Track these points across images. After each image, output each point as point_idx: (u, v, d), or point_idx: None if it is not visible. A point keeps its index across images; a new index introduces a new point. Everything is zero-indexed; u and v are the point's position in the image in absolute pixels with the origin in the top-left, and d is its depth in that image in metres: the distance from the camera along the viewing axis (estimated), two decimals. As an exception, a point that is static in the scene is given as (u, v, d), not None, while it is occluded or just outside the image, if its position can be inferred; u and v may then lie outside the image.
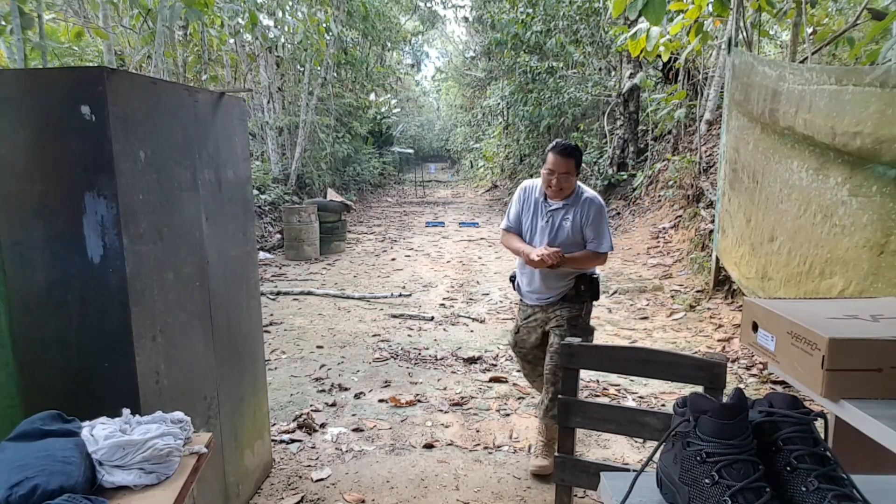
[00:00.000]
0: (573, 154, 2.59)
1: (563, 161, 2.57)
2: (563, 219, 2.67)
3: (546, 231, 2.70)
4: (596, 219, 2.68)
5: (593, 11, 10.34)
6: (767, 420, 0.79)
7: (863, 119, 2.62)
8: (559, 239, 2.67)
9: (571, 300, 2.76)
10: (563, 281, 2.74)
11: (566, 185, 2.62)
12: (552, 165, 2.59)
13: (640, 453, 2.89)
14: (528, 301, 2.86)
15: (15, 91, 1.51)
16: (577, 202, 2.68)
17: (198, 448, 1.38)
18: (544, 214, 2.71)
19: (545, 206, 2.72)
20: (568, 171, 2.58)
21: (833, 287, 2.92)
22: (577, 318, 2.77)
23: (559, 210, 2.69)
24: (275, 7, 9.31)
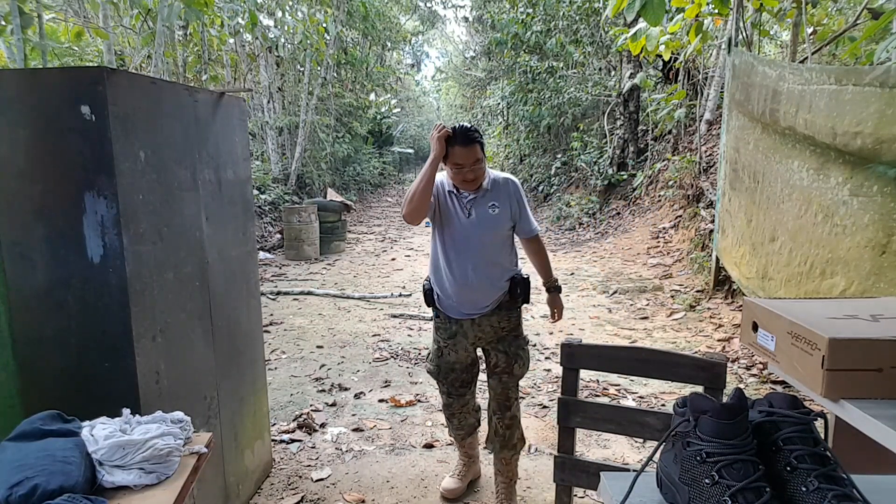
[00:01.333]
0: (476, 139, 2.23)
1: (469, 150, 2.21)
2: (489, 206, 2.30)
3: (473, 225, 2.29)
4: (523, 199, 2.39)
5: (593, 11, 10.33)
6: (767, 420, 0.79)
7: (863, 119, 2.62)
8: (491, 231, 2.31)
9: (507, 307, 2.38)
10: (500, 283, 2.34)
11: (480, 173, 2.26)
12: (460, 159, 2.21)
13: (640, 453, 2.89)
14: (451, 314, 2.38)
15: (15, 91, 1.51)
16: (496, 186, 2.34)
17: (198, 448, 1.38)
18: (465, 208, 2.31)
19: (461, 198, 2.32)
20: (477, 158, 2.22)
21: (835, 287, 2.92)
22: (519, 328, 2.42)
23: (479, 199, 2.31)
24: (275, 7, 9.31)
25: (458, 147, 2.20)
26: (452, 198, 2.33)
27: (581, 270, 7.07)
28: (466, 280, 2.30)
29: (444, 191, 2.36)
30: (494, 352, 2.40)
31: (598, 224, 9.77)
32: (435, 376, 2.53)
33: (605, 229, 9.40)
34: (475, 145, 2.22)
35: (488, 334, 2.39)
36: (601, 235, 9.15)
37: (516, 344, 2.41)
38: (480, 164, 2.24)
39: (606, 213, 9.97)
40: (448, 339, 2.42)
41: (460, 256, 2.31)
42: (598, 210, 10.20)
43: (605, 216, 9.89)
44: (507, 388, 2.42)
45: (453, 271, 2.32)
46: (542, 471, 2.73)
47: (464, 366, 2.46)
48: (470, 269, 2.29)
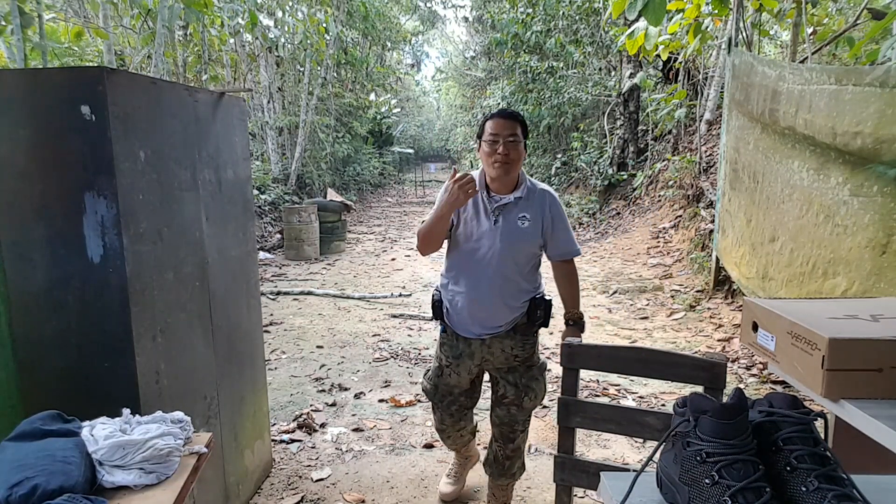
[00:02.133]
0: (518, 117, 2.03)
1: (508, 123, 2.00)
2: (519, 217, 2.04)
3: (496, 235, 2.02)
4: (561, 214, 2.11)
5: (593, 11, 10.34)
6: (767, 420, 0.79)
7: (863, 119, 2.62)
8: (516, 245, 2.04)
9: (524, 331, 2.12)
10: (518, 302, 2.09)
11: (515, 156, 2.00)
12: (495, 129, 1.99)
13: (640, 453, 2.89)
14: (461, 333, 2.14)
15: (15, 91, 1.51)
16: (531, 196, 2.08)
17: (198, 448, 1.38)
18: (490, 213, 2.05)
19: (489, 201, 2.06)
20: (515, 134, 1.99)
21: (836, 287, 2.92)
22: (534, 357, 2.18)
23: (510, 206, 2.05)
24: (275, 7, 9.31)
25: (497, 118, 2.02)
26: (479, 200, 2.08)
27: (581, 270, 7.05)
28: (479, 295, 2.06)
29: None
30: (503, 382, 2.17)
31: (598, 224, 9.77)
32: (430, 397, 2.31)
33: (605, 229, 9.40)
34: (516, 122, 2.02)
35: (498, 359, 2.14)
36: (601, 235, 9.15)
37: (528, 375, 2.16)
38: (518, 145, 2.00)
39: (606, 213, 9.98)
40: (452, 359, 2.19)
41: (476, 267, 2.06)
42: (598, 210, 10.21)
43: (605, 216, 9.89)
44: (515, 420, 2.19)
45: (466, 283, 2.09)
46: (542, 471, 2.73)
47: (463, 390, 2.25)
48: (485, 283, 2.05)
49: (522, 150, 2.03)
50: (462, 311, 2.11)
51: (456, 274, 2.13)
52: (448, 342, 2.20)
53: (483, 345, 2.12)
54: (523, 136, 2.04)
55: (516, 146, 2.00)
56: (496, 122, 2.01)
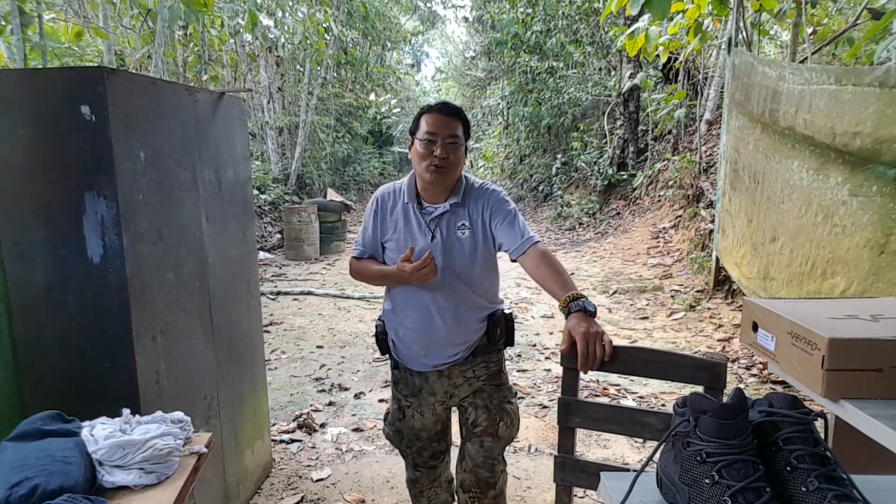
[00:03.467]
0: (460, 114, 1.75)
1: (449, 121, 1.71)
2: (458, 227, 1.78)
3: (439, 254, 1.75)
4: (502, 207, 1.79)
5: (593, 11, 10.34)
6: (767, 420, 0.79)
7: (862, 119, 2.62)
8: (460, 260, 1.77)
9: (484, 352, 1.85)
10: (475, 323, 1.82)
11: (454, 160, 1.71)
12: (433, 127, 1.69)
13: (640, 453, 2.89)
14: (412, 366, 1.86)
15: (15, 91, 1.51)
16: (469, 198, 1.80)
17: (198, 448, 1.37)
18: (424, 228, 1.78)
19: (422, 214, 1.79)
20: (455, 135, 1.71)
21: (835, 287, 2.92)
22: (501, 374, 1.89)
23: (447, 215, 1.78)
24: (275, 7, 9.31)
25: (436, 114, 1.72)
26: (411, 212, 1.80)
27: (581, 270, 7.06)
28: (429, 325, 1.78)
29: (399, 203, 1.83)
30: (472, 407, 1.86)
31: (598, 224, 9.77)
32: (395, 444, 1.99)
33: (605, 229, 9.40)
34: (456, 120, 1.73)
35: (462, 388, 1.86)
36: (601, 235, 9.15)
37: (499, 395, 1.86)
38: (458, 147, 1.72)
39: (606, 213, 9.98)
40: (410, 397, 1.90)
41: (420, 292, 1.77)
42: (598, 210, 10.21)
43: (605, 216, 9.90)
44: (492, 456, 1.83)
45: (411, 312, 1.81)
46: (542, 471, 2.73)
47: (432, 433, 1.93)
48: (433, 309, 1.77)
49: (463, 153, 1.75)
50: (411, 344, 1.83)
51: (398, 302, 1.85)
52: (402, 378, 1.91)
53: (442, 376, 1.84)
54: (464, 137, 1.75)
55: (456, 149, 1.71)
56: (434, 118, 1.71)
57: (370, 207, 1.89)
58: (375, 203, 1.88)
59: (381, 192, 1.90)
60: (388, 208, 1.86)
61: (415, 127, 1.77)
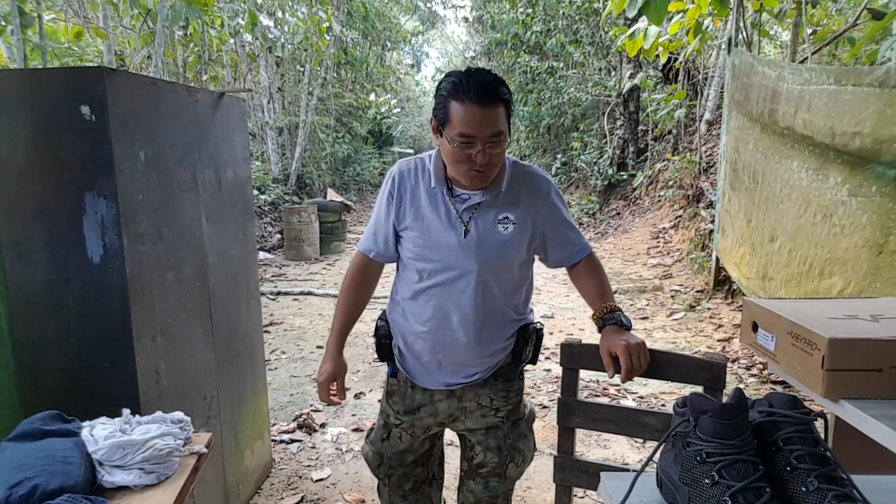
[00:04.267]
0: (502, 95, 1.32)
1: (490, 114, 1.30)
2: (500, 220, 1.45)
3: (470, 251, 1.43)
4: (560, 211, 1.52)
5: (593, 11, 10.35)
6: (767, 420, 0.79)
7: (862, 119, 2.62)
8: (500, 262, 1.46)
9: (507, 374, 1.58)
10: (504, 338, 1.53)
11: (497, 160, 1.37)
12: (471, 127, 1.30)
13: (640, 453, 2.89)
14: (421, 382, 1.57)
15: (15, 91, 1.51)
16: (515, 185, 1.47)
17: (198, 448, 1.37)
18: (455, 219, 1.45)
19: (453, 201, 1.46)
20: (499, 131, 1.33)
21: (832, 287, 2.92)
22: (520, 408, 1.63)
23: (486, 205, 1.45)
24: (275, 7, 9.31)
25: (474, 105, 1.28)
26: (439, 199, 1.47)
27: (581, 270, 7.05)
28: (448, 336, 1.48)
29: (422, 187, 1.48)
30: (482, 447, 1.61)
31: (598, 224, 9.77)
32: (374, 468, 1.70)
33: (605, 229, 9.40)
34: (499, 105, 1.32)
35: (472, 416, 1.57)
36: (601, 235, 9.15)
37: (516, 433, 1.61)
38: (502, 142, 1.34)
39: (606, 213, 9.98)
40: (403, 415, 1.60)
41: (444, 298, 1.46)
42: (598, 210, 10.21)
43: (605, 216, 9.90)
44: (495, 494, 1.65)
45: (430, 320, 1.49)
46: (542, 471, 2.73)
47: (418, 455, 1.66)
48: (457, 318, 1.47)
49: (506, 146, 1.38)
50: (422, 356, 1.53)
51: (411, 303, 1.52)
52: (399, 390, 1.61)
53: (452, 397, 1.56)
54: (507, 119, 1.36)
55: (500, 143, 1.33)
56: (471, 112, 1.29)
57: (385, 187, 1.53)
58: (392, 181, 1.51)
59: (401, 168, 1.52)
60: (407, 188, 1.50)
61: (443, 115, 1.34)
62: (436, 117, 1.38)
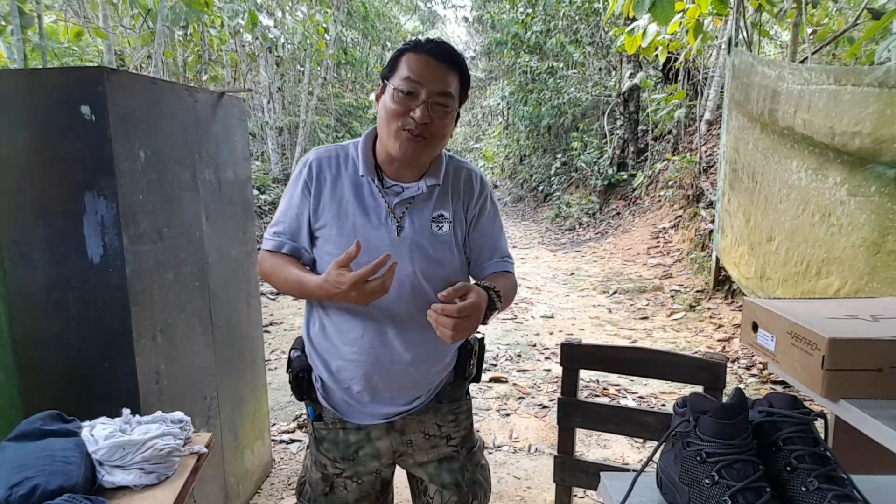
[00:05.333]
0: (458, 62, 1.21)
1: (440, 69, 1.18)
2: (434, 218, 1.27)
3: (403, 251, 1.23)
4: (490, 203, 1.37)
5: (593, 11, 10.35)
6: (767, 420, 0.79)
7: (862, 119, 2.62)
8: (436, 265, 1.26)
9: (451, 395, 1.38)
10: (446, 356, 1.34)
11: (438, 130, 1.20)
12: (417, 73, 1.16)
13: (640, 453, 2.89)
14: (350, 419, 1.33)
15: (15, 91, 1.51)
16: (449, 180, 1.31)
17: (198, 448, 1.37)
18: (386, 215, 1.25)
19: (384, 193, 1.26)
20: (446, 91, 1.18)
21: (829, 286, 2.92)
22: (473, 434, 1.46)
23: (420, 200, 1.27)
24: (275, 7, 9.32)
25: (424, 55, 1.17)
26: (367, 191, 1.26)
27: (581, 270, 7.06)
28: (383, 355, 1.25)
29: (344, 174, 1.27)
30: (436, 484, 1.39)
31: (598, 224, 9.77)
32: None
33: (605, 229, 9.40)
34: (453, 71, 1.20)
35: (420, 450, 1.36)
36: (601, 235, 9.15)
37: (472, 463, 1.41)
38: (449, 110, 1.19)
39: (606, 213, 9.98)
40: (342, 462, 1.35)
41: (375, 307, 1.20)
42: (598, 210, 10.22)
43: (605, 216, 9.90)
44: None
45: (361, 337, 1.25)
46: (542, 471, 2.73)
47: (371, 499, 1.43)
48: (393, 331, 1.25)
49: (452, 122, 1.23)
50: (353, 384, 1.28)
51: (336, 320, 1.28)
52: (328, 436, 1.35)
53: (392, 431, 1.33)
54: (460, 100, 1.23)
55: (445, 114, 1.19)
56: (421, 61, 1.16)
57: (299, 177, 1.28)
58: (308, 170, 1.27)
59: (319, 155, 1.29)
60: (327, 180, 1.26)
61: (389, 69, 1.21)
62: (383, 76, 1.23)
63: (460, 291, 1.14)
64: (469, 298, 1.13)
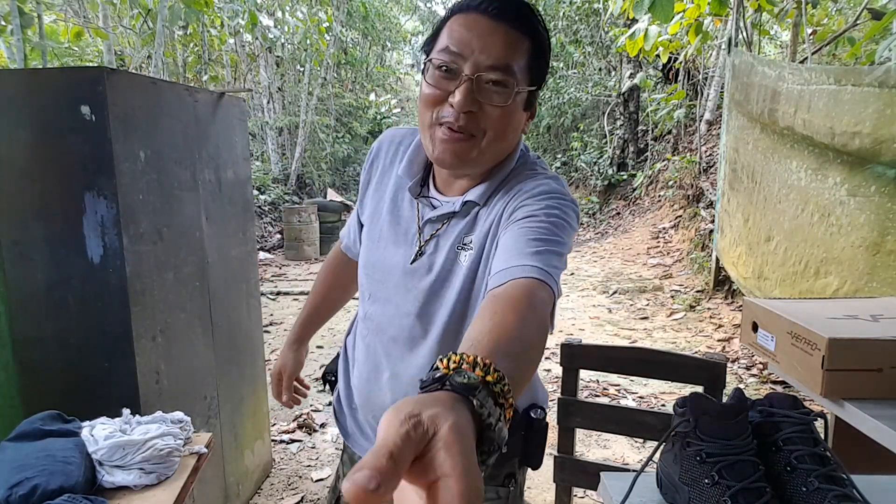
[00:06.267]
0: (527, 22, 0.83)
1: (504, 33, 0.81)
2: (461, 246, 0.92)
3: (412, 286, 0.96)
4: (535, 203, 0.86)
5: (593, 12, 10.35)
6: (768, 420, 0.79)
7: (862, 119, 2.63)
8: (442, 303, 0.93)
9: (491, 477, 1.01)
10: None
11: (496, 119, 0.84)
12: (464, 40, 0.81)
13: (640, 453, 2.89)
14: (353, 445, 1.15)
15: (15, 91, 1.51)
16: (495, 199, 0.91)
17: (198, 448, 1.38)
18: (412, 234, 0.97)
19: (421, 203, 0.98)
20: (507, 65, 0.82)
21: (827, 286, 2.92)
22: None
23: (453, 222, 0.94)
24: (275, 7, 9.31)
25: (476, 14, 0.82)
26: (403, 198, 1.00)
27: (581, 270, 7.06)
28: (379, 396, 1.03)
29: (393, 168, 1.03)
30: None
31: (598, 224, 9.77)
32: None
33: (605, 229, 9.40)
34: (520, 33, 0.83)
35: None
36: (601, 235, 9.15)
37: None
38: (505, 90, 0.83)
39: (606, 213, 9.98)
40: None
41: (376, 339, 1.02)
42: (598, 210, 10.22)
43: (605, 216, 9.90)
44: None
45: (362, 363, 1.07)
46: (543, 471, 2.72)
47: None
48: (387, 375, 1.01)
49: (516, 110, 0.87)
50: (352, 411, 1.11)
51: (357, 334, 1.11)
52: (347, 452, 1.18)
53: None
54: (530, 76, 0.86)
55: (502, 98, 0.83)
56: (474, 19, 0.82)
57: (370, 157, 1.09)
58: (370, 153, 1.08)
59: (383, 137, 1.09)
60: (379, 167, 1.06)
61: (431, 39, 0.88)
62: (424, 50, 0.89)
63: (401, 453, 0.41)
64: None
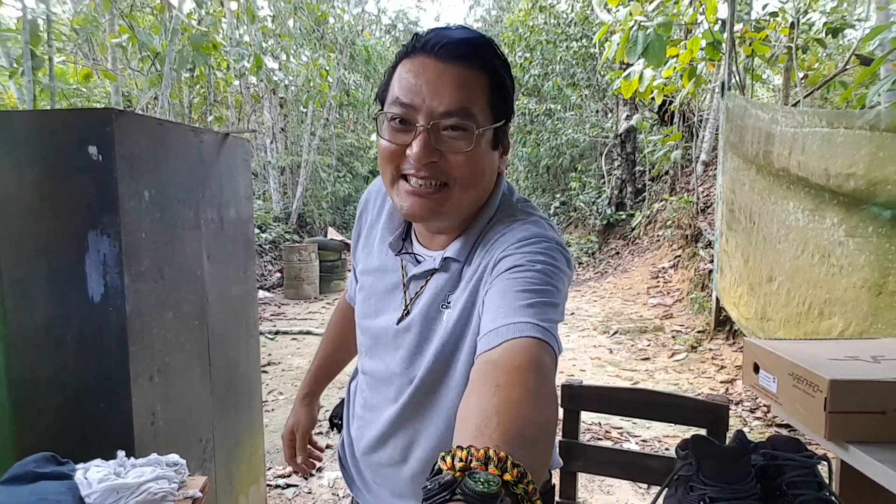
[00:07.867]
0: (479, 56, 0.77)
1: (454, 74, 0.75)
2: (444, 304, 0.85)
3: (399, 348, 0.90)
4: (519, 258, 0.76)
5: (589, 56, 10.63)
6: (771, 464, 0.78)
7: (855, 161, 2.67)
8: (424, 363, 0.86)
9: None
10: None
11: (461, 171, 0.78)
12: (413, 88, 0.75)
13: (645, 499, 2.82)
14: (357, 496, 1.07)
15: (25, 132, 1.54)
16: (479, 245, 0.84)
17: (192, 492, 1.35)
18: (400, 290, 0.91)
19: (403, 262, 0.92)
20: (462, 107, 0.75)
21: (833, 328, 2.91)
22: None
23: (435, 278, 0.87)
24: (279, 51, 9.57)
25: (423, 56, 0.77)
26: (387, 253, 0.95)
27: (581, 310, 7.04)
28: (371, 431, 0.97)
29: (378, 222, 0.99)
30: None
31: (598, 263, 9.79)
32: None
33: (604, 269, 9.41)
34: (473, 69, 0.77)
35: None
36: (601, 275, 9.16)
37: None
38: (465, 132, 0.76)
39: (606, 252, 10.01)
40: None
41: (372, 394, 0.98)
42: (597, 249, 10.25)
43: (604, 256, 9.93)
44: None
45: (360, 417, 1.02)
46: (544, 516, 2.66)
47: None
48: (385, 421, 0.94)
49: (483, 153, 0.81)
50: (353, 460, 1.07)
51: (352, 389, 1.11)
52: None
53: None
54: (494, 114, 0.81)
55: (463, 144, 0.77)
56: (422, 64, 0.77)
57: (359, 210, 1.06)
58: (360, 206, 1.05)
59: (370, 188, 1.05)
60: (366, 220, 1.02)
61: (384, 87, 0.82)
62: (378, 100, 0.83)
63: None
64: None
